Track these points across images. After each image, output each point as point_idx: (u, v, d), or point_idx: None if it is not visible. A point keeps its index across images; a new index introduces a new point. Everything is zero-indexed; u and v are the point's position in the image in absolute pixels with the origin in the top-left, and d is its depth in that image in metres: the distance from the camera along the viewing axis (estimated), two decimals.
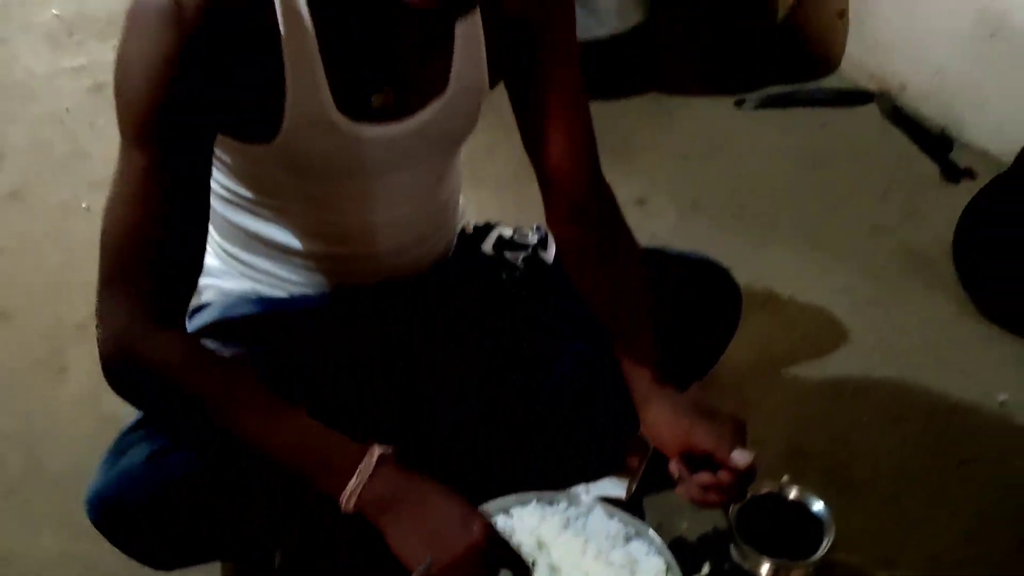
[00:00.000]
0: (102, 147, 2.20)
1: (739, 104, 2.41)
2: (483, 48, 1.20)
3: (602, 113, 2.23)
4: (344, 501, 1.05)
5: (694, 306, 1.41)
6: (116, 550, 1.23)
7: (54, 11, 2.73)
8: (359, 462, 1.06)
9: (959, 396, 1.67)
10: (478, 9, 1.16)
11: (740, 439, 1.19)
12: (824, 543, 1.24)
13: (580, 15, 2.30)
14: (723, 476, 1.16)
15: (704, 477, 1.17)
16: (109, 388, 1.18)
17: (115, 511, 1.10)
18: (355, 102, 1.14)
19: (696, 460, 1.20)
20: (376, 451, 1.07)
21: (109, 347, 1.09)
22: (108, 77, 2.31)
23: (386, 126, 1.16)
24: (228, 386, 1.10)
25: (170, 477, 1.10)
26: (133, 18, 1.05)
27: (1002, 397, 1.66)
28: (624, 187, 2.02)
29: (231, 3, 1.05)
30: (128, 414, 1.40)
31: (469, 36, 1.17)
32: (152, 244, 1.09)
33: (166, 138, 1.06)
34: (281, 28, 1.05)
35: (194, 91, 1.06)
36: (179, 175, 1.09)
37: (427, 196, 1.30)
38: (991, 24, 2.07)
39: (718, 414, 1.22)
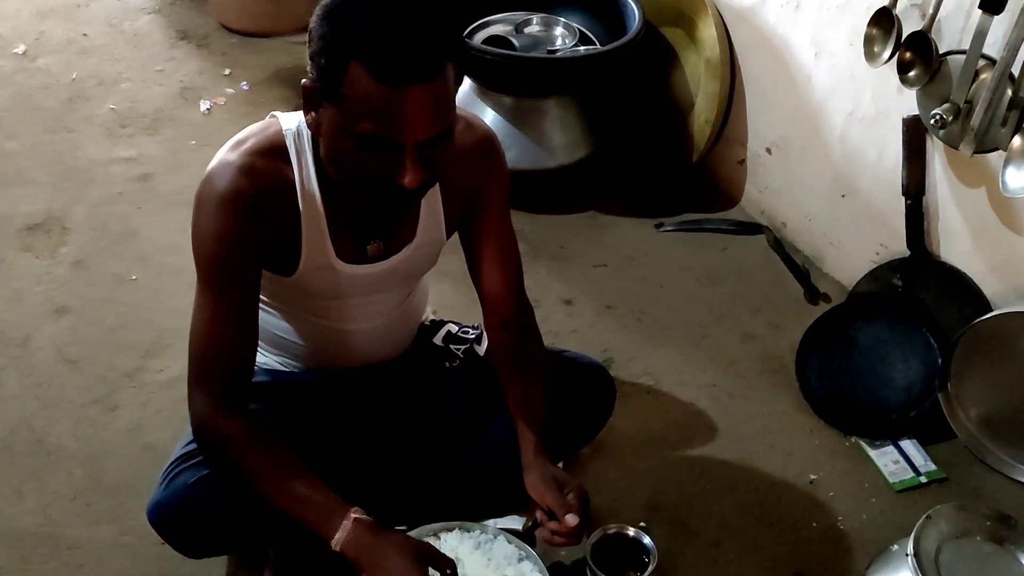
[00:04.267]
0: (147, 229, 2.47)
1: (658, 227, 2.61)
2: (442, 212, 1.49)
3: (547, 224, 2.76)
4: (333, 546, 1.30)
5: (581, 396, 1.72)
6: (154, 542, 1.55)
7: (111, 105, 2.96)
8: (342, 522, 1.31)
9: (782, 474, 1.93)
10: (438, 186, 1.46)
11: (577, 505, 1.45)
12: (651, 566, 1.56)
13: (536, 150, 2.82)
14: (561, 529, 1.45)
15: (552, 526, 1.46)
16: (151, 424, 1.57)
17: (168, 516, 1.43)
18: (352, 251, 1.44)
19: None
20: (352, 515, 1.30)
21: (196, 425, 1.38)
22: (154, 168, 2.97)
23: (371, 266, 1.47)
24: (265, 460, 1.35)
25: (207, 495, 1.41)
26: (202, 198, 1.33)
27: (813, 477, 1.93)
28: (556, 288, 2.25)
29: (268, 192, 1.33)
30: (163, 444, 1.76)
31: (431, 204, 1.47)
32: (221, 355, 1.37)
33: (226, 281, 1.36)
34: (300, 207, 1.36)
35: (243, 250, 1.35)
36: (237, 305, 1.38)
37: (396, 310, 1.60)
38: (843, 187, 2.34)
39: (567, 484, 1.48)
